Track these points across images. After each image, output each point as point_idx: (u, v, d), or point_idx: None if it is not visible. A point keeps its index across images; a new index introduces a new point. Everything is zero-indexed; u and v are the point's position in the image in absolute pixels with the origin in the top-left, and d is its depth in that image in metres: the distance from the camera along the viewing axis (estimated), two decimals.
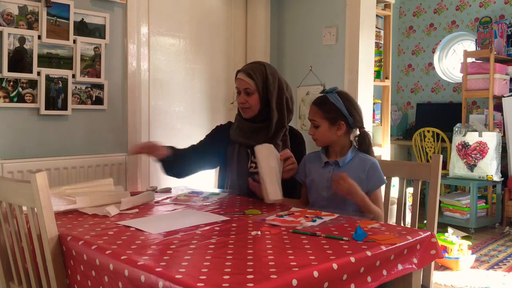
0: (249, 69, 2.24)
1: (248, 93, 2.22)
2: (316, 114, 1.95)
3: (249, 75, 2.21)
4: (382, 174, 1.93)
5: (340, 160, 1.95)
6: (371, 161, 1.93)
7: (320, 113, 1.93)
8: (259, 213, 1.75)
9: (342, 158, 1.95)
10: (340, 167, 1.94)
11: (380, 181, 1.92)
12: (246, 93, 2.22)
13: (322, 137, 1.96)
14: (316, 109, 1.95)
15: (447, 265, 3.22)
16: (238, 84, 2.25)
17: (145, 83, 3.30)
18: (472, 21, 5.40)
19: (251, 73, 2.21)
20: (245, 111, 2.26)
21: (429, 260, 1.50)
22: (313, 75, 3.77)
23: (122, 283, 1.19)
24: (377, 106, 4.05)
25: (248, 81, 2.21)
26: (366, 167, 1.91)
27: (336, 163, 1.95)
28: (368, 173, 1.90)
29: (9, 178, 2.16)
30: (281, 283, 1.06)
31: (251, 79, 2.21)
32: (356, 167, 1.92)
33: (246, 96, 2.23)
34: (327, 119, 1.93)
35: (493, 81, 4.53)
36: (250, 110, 2.24)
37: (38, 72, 2.70)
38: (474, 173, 4.41)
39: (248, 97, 2.22)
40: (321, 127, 1.94)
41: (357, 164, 1.93)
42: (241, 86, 2.24)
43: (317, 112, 1.95)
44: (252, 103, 2.22)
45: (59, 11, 2.76)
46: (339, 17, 3.60)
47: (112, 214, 1.70)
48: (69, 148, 2.87)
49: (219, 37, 3.78)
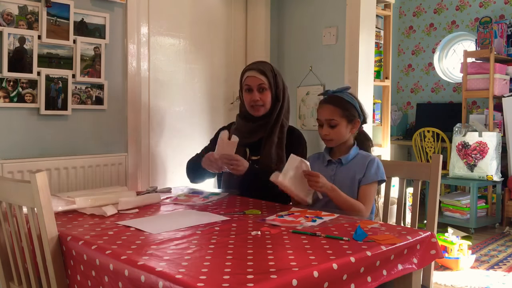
0: (260, 66, 2.24)
1: (262, 89, 2.21)
2: (334, 113, 1.93)
3: (261, 72, 2.20)
4: (379, 171, 1.92)
5: (343, 158, 1.96)
6: (371, 157, 1.94)
7: (339, 112, 1.93)
8: (259, 213, 1.76)
9: (345, 156, 1.96)
10: (343, 164, 1.95)
11: (372, 177, 1.91)
12: (259, 90, 2.21)
13: (338, 136, 1.95)
14: (333, 108, 1.94)
15: (447, 265, 3.22)
16: (250, 81, 2.22)
17: (145, 83, 3.30)
18: (472, 21, 5.40)
19: (263, 69, 2.21)
20: (258, 109, 2.24)
21: (429, 260, 1.50)
22: (313, 75, 3.77)
23: (122, 283, 1.19)
24: (377, 106, 4.05)
25: (261, 78, 2.20)
26: (366, 162, 1.92)
27: (339, 161, 1.96)
28: (366, 167, 1.91)
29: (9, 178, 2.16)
30: (281, 283, 1.06)
31: (264, 76, 2.20)
32: (358, 164, 1.93)
33: (259, 93, 2.21)
34: (345, 117, 1.94)
35: (493, 81, 4.53)
36: (263, 107, 2.24)
37: (38, 72, 2.70)
38: (474, 173, 4.41)
39: (261, 94, 2.22)
40: (339, 125, 1.93)
41: (359, 161, 1.94)
42: (254, 83, 2.21)
43: (335, 110, 1.93)
44: (266, 100, 2.22)
45: (59, 11, 2.76)
46: (339, 17, 3.60)
47: (108, 214, 1.70)
48: (69, 148, 2.87)
49: (219, 37, 3.78)
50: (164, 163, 3.42)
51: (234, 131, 2.31)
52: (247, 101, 2.25)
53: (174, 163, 3.46)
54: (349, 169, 1.94)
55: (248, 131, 2.26)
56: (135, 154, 3.18)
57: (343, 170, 1.96)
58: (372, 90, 3.70)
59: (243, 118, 2.33)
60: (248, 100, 2.24)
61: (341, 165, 1.96)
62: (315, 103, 3.72)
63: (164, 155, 3.42)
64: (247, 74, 2.24)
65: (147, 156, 3.33)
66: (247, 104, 2.27)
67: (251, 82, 2.22)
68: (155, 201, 1.97)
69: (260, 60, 2.37)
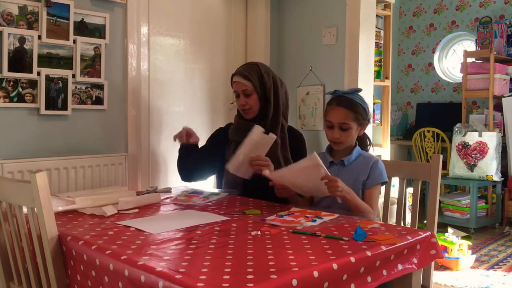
0: (244, 71, 2.26)
1: (247, 94, 2.24)
2: (348, 116, 1.91)
3: (245, 76, 2.23)
4: (383, 172, 1.93)
5: (345, 160, 1.95)
6: (374, 159, 1.94)
7: (352, 115, 1.92)
8: (259, 213, 1.76)
9: (347, 157, 1.96)
10: (346, 166, 1.95)
11: (377, 179, 1.91)
12: (244, 95, 2.25)
13: (348, 140, 1.94)
14: (347, 111, 1.91)
15: (447, 265, 3.22)
16: (236, 87, 2.27)
17: (145, 83, 3.30)
18: (472, 21, 5.40)
19: (246, 74, 2.24)
20: (246, 113, 2.28)
21: (429, 260, 1.50)
22: (313, 75, 3.77)
23: (122, 283, 1.19)
24: (377, 106, 4.06)
25: (245, 83, 2.23)
26: (369, 164, 1.92)
27: (342, 163, 1.96)
28: (369, 170, 1.91)
29: (9, 178, 2.17)
30: (281, 283, 1.06)
31: (247, 81, 2.23)
32: (360, 166, 1.93)
33: (245, 97, 2.25)
34: (357, 120, 1.93)
35: (493, 81, 4.53)
36: (251, 111, 2.26)
37: (38, 72, 2.70)
38: (474, 173, 4.41)
39: (247, 98, 2.25)
40: (351, 129, 1.92)
41: (361, 162, 1.94)
42: (239, 89, 2.26)
43: (349, 114, 1.91)
44: (252, 103, 2.25)
45: (59, 11, 2.76)
46: (339, 17, 3.60)
47: (108, 214, 1.70)
48: (69, 148, 2.87)
49: (219, 37, 3.78)
50: (164, 163, 3.42)
51: (233, 130, 2.33)
52: (238, 105, 2.32)
53: (174, 163, 3.44)
54: (351, 171, 1.94)
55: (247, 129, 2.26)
56: (135, 154, 3.18)
57: (346, 172, 1.95)
58: (372, 90, 3.70)
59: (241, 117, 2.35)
60: (238, 104, 2.31)
61: (344, 167, 1.95)
62: (315, 103, 3.73)
63: (164, 155, 3.42)
64: (233, 79, 2.29)
65: (147, 156, 3.33)
66: (239, 108, 2.33)
67: (237, 88, 2.27)
68: (155, 201, 1.97)
69: (249, 62, 2.40)
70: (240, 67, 2.34)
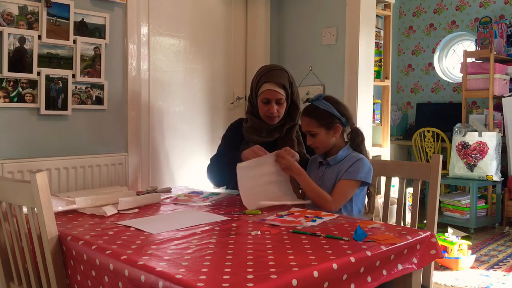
0: (278, 78, 2.19)
1: (280, 103, 2.21)
2: (310, 124, 1.97)
3: (281, 85, 2.19)
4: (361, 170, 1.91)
5: (330, 159, 1.98)
6: (358, 157, 1.95)
7: (315, 122, 1.96)
8: (259, 213, 1.76)
9: (332, 157, 1.98)
10: (331, 166, 1.97)
11: (352, 174, 1.90)
12: (277, 103, 2.20)
13: (322, 144, 1.98)
14: (309, 119, 1.98)
15: (447, 265, 3.22)
16: (269, 95, 2.18)
17: (145, 83, 3.30)
18: (472, 21, 5.40)
19: (283, 83, 2.19)
20: (274, 119, 2.23)
21: (429, 260, 1.50)
22: (313, 75, 3.77)
23: (122, 283, 1.19)
24: (377, 106, 4.05)
25: (281, 92, 2.19)
26: (352, 162, 1.93)
27: (327, 163, 1.99)
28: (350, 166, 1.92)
29: (9, 178, 2.17)
30: (281, 283, 1.06)
31: (283, 90, 2.20)
32: (345, 164, 1.94)
33: (277, 106, 2.20)
34: (323, 126, 1.95)
35: (493, 81, 4.53)
36: (278, 117, 2.24)
37: (38, 72, 2.70)
38: (474, 173, 4.41)
39: (279, 106, 2.21)
40: (319, 135, 1.96)
41: (347, 161, 1.95)
42: (272, 97, 2.18)
43: (311, 121, 1.97)
44: (282, 111, 2.23)
45: (59, 11, 2.76)
46: (339, 17, 3.60)
47: (108, 214, 1.70)
48: (69, 148, 2.87)
49: (219, 37, 3.78)
50: (164, 163, 3.43)
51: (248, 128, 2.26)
52: (263, 111, 2.22)
53: (174, 163, 3.46)
54: (336, 169, 1.96)
55: (266, 130, 2.25)
56: (135, 154, 3.18)
57: (330, 171, 1.98)
58: (372, 90, 3.70)
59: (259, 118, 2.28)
60: (265, 110, 2.21)
61: (329, 166, 1.99)
62: None
63: (164, 155, 3.42)
64: (265, 86, 2.18)
65: (147, 156, 3.33)
66: (262, 113, 2.23)
67: (270, 96, 2.18)
68: (155, 201, 1.97)
69: (276, 68, 2.28)
70: (269, 73, 2.22)
